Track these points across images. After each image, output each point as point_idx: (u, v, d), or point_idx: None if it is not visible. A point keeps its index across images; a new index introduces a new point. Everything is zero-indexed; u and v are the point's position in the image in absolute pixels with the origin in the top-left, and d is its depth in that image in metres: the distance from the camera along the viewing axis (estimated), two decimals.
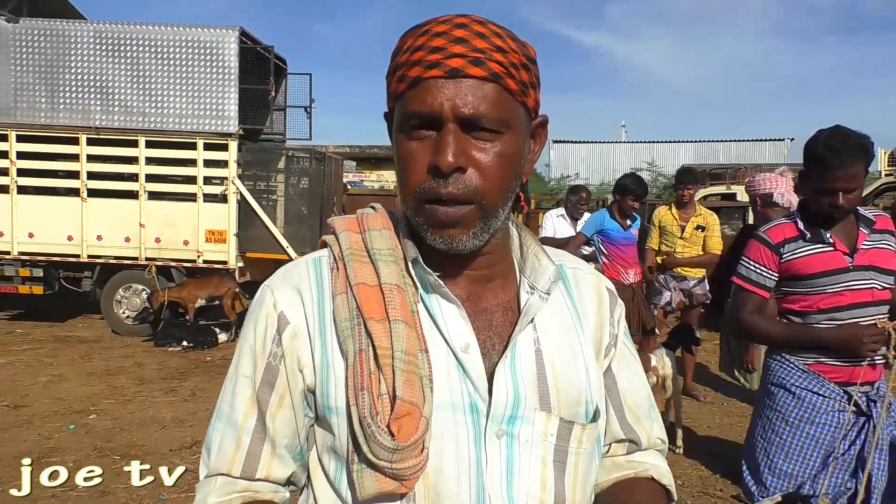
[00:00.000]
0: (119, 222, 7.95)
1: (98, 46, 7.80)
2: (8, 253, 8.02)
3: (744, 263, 2.49)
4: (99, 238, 7.97)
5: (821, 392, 2.34)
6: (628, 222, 5.14)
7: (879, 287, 2.31)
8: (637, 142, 30.19)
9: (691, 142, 29.27)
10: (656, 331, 5.35)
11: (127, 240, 7.96)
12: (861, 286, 2.29)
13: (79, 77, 7.84)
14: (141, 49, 7.75)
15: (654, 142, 29.66)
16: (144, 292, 8.06)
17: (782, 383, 2.42)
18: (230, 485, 0.89)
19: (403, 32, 0.86)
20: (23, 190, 8.02)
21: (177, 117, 7.79)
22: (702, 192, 10.84)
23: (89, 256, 8.01)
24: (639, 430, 1.02)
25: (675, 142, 29.49)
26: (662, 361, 4.34)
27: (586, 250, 5.61)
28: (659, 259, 5.72)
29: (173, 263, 8.02)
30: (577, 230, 5.56)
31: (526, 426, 0.87)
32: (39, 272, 8.12)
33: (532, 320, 0.91)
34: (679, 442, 4.50)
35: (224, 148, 7.84)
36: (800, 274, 2.34)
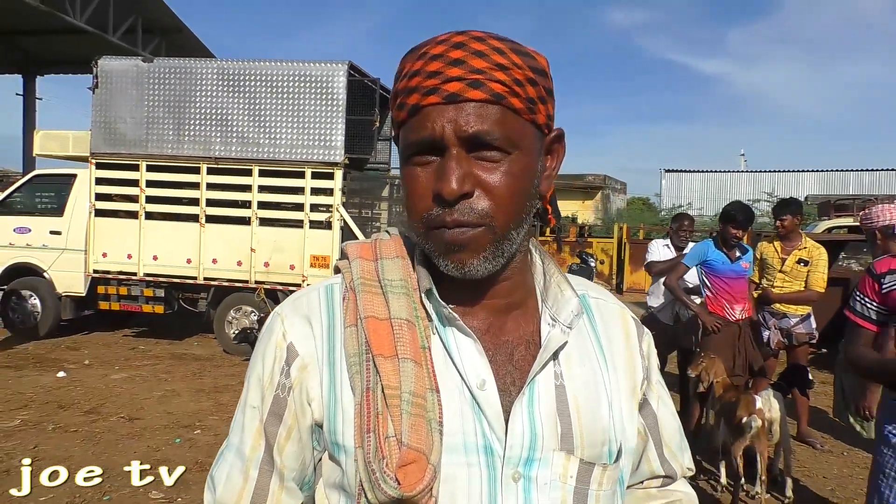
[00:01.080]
0: (232, 247, 8.37)
1: (220, 82, 8.31)
2: (135, 274, 8.62)
3: (853, 295, 2.33)
4: (214, 261, 8.43)
5: None
6: (737, 253, 4.80)
7: None
8: (757, 171, 28.91)
9: (816, 171, 27.65)
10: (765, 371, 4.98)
11: (239, 263, 8.36)
12: None
13: (202, 111, 8.36)
14: (257, 84, 8.19)
15: (775, 171, 28.30)
16: (253, 314, 8.42)
17: (882, 430, 2.18)
18: None
19: (404, 54, 0.82)
20: (149, 216, 8.61)
21: (288, 147, 8.14)
22: (825, 224, 10.13)
23: (205, 279, 8.47)
24: (674, 465, 0.99)
25: (798, 171, 27.97)
26: (769, 404, 4.02)
27: (691, 283, 5.33)
28: (755, 294, 5.34)
29: (280, 287, 8.32)
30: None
31: (544, 468, 0.81)
32: (161, 292, 8.66)
33: (555, 354, 0.85)
34: (789, 492, 4.14)
35: (330, 177, 8.09)
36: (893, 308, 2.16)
